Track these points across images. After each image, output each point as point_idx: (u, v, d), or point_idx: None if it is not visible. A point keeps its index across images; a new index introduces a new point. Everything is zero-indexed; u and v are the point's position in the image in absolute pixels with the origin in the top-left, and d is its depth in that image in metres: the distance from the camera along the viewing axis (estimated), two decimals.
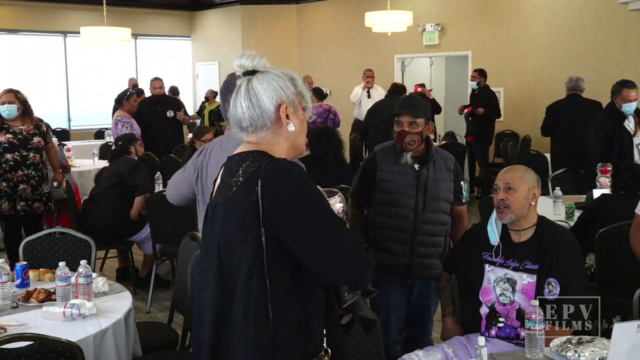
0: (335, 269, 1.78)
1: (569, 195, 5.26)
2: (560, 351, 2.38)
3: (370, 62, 11.86)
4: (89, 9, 12.26)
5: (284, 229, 1.74)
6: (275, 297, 1.75)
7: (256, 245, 1.74)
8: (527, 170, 2.97)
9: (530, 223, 2.88)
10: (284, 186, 1.74)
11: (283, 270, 1.76)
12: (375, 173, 3.45)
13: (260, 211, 1.73)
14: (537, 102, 9.96)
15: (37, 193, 5.48)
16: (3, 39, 12.36)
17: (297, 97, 1.88)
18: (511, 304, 2.82)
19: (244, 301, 1.76)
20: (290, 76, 1.89)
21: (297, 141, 1.93)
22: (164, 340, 3.56)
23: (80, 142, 10.02)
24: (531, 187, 2.89)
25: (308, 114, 1.93)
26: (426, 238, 3.39)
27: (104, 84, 12.90)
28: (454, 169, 3.46)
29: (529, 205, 2.86)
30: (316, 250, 1.74)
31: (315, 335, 1.84)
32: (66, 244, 3.82)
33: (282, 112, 1.84)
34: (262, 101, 1.83)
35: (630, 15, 8.89)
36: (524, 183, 2.88)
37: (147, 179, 5.70)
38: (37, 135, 5.46)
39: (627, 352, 1.97)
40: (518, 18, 10.26)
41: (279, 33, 13.44)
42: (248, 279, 1.75)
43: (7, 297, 3.06)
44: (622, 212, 3.91)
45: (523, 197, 2.85)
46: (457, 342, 2.92)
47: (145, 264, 5.87)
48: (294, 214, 1.73)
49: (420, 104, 3.50)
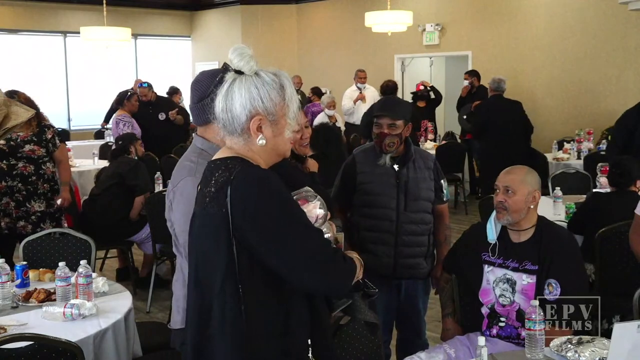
0: (309, 280, 1.73)
1: (569, 195, 5.27)
2: (560, 351, 2.37)
3: (370, 62, 11.87)
4: (89, 9, 12.26)
5: (254, 240, 1.69)
6: (250, 309, 1.71)
7: (228, 255, 1.70)
8: (528, 173, 2.92)
9: (530, 224, 2.87)
10: (253, 196, 1.69)
11: (257, 281, 1.72)
12: (356, 175, 3.43)
13: (230, 221, 1.69)
14: (537, 102, 9.96)
15: (23, 210, 4.76)
16: (3, 39, 12.36)
17: (281, 108, 1.79)
18: (511, 305, 2.82)
19: (220, 315, 1.73)
20: (281, 84, 1.79)
21: (276, 150, 1.83)
22: (164, 340, 3.54)
23: (80, 142, 10.01)
24: (531, 190, 2.85)
25: (292, 125, 1.83)
26: (410, 238, 3.37)
27: (104, 84, 12.90)
28: (433, 168, 3.44)
29: (527, 208, 2.84)
30: (287, 261, 1.70)
31: (298, 346, 1.79)
32: (66, 244, 3.82)
33: (253, 124, 1.76)
34: (235, 108, 1.76)
35: (630, 15, 8.89)
36: (524, 186, 2.84)
37: (146, 179, 5.69)
38: (33, 142, 4.73)
39: (627, 352, 1.97)
40: (518, 18, 10.26)
41: (279, 33, 13.44)
42: (222, 291, 1.72)
43: (7, 297, 3.06)
44: (615, 210, 3.95)
45: (522, 201, 2.83)
46: (459, 343, 2.92)
47: (145, 264, 5.88)
48: (263, 225, 1.68)
49: (399, 105, 3.49)
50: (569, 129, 9.29)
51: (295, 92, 1.86)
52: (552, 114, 10.00)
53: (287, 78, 1.84)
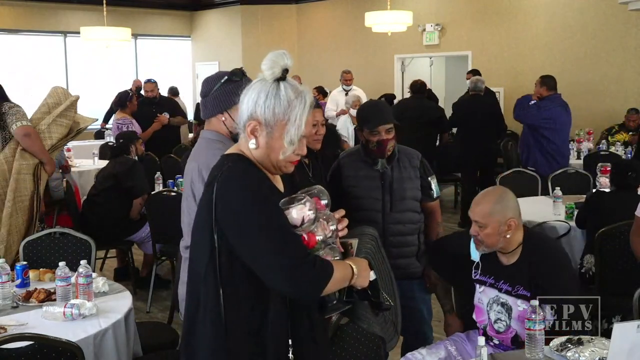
0: (275, 281, 1.75)
1: (570, 195, 5.26)
2: (560, 351, 2.38)
3: (370, 62, 11.88)
4: (89, 9, 12.26)
5: (229, 236, 1.75)
6: (228, 301, 1.77)
7: (210, 246, 1.77)
8: (498, 202, 2.71)
9: (514, 246, 2.73)
10: (232, 194, 1.75)
11: (235, 274, 1.77)
12: (341, 180, 3.41)
13: (214, 215, 1.75)
14: None
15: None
16: (3, 39, 12.36)
17: (281, 125, 1.78)
18: (507, 329, 2.74)
19: (204, 302, 1.80)
20: (292, 104, 1.78)
21: (266, 160, 1.84)
22: (164, 340, 3.56)
23: (80, 142, 9.97)
24: (504, 221, 2.66)
25: (287, 150, 1.80)
26: (397, 238, 3.34)
27: (104, 84, 12.90)
28: (419, 166, 3.39)
29: (504, 238, 2.68)
30: (256, 260, 1.75)
31: (276, 343, 1.81)
32: (66, 244, 3.82)
33: (248, 126, 1.81)
34: (243, 105, 1.83)
35: (630, 15, 8.89)
36: (493, 219, 2.67)
37: (142, 180, 5.65)
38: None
39: (627, 352, 1.97)
40: (518, 18, 10.26)
41: (278, 33, 13.44)
42: (205, 280, 1.80)
43: (7, 297, 3.06)
44: (615, 207, 3.98)
45: (495, 233, 2.67)
46: (459, 340, 2.91)
47: (145, 264, 5.87)
48: (236, 223, 1.74)
49: (386, 108, 3.50)
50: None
51: (304, 120, 1.80)
52: None
53: (306, 103, 1.80)
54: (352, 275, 1.87)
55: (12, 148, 4.34)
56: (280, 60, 1.80)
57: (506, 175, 6.09)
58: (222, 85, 2.55)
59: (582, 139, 8.07)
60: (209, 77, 2.61)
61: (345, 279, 1.86)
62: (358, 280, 1.90)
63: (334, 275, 1.79)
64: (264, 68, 1.80)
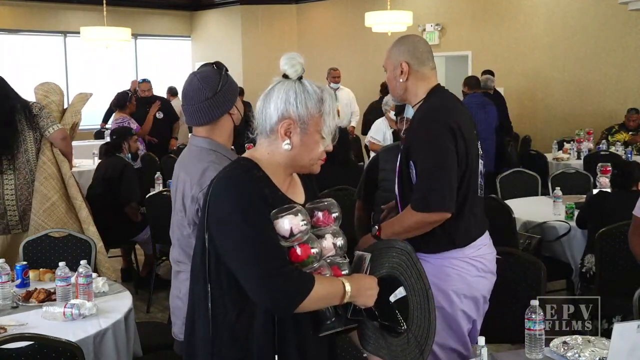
0: (253, 292, 1.71)
1: (569, 195, 5.27)
2: (560, 351, 2.38)
3: (370, 62, 11.87)
4: (89, 9, 12.25)
5: (217, 242, 1.75)
6: (215, 304, 1.76)
7: (203, 246, 1.77)
8: (395, 45, 2.66)
9: (417, 99, 2.61)
10: (219, 201, 1.74)
11: (222, 277, 1.76)
12: (378, 173, 3.49)
13: (205, 218, 1.76)
14: (537, 102, 9.96)
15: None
16: (3, 39, 12.36)
17: (315, 121, 1.79)
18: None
19: (198, 301, 1.81)
20: (322, 97, 1.80)
21: (299, 161, 1.82)
22: (164, 340, 3.54)
23: (80, 142, 9.98)
24: (397, 63, 2.60)
25: (327, 141, 1.82)
26: None
27: (104, 84, 12.89)
28: None
29: (399, 82, 2.60)
30: (238, 270, 1.73)
31: (261, 354, 1.76)
32: (66, 244, 3.82)
33: (282, 127, 1.77)
34: (270, 108, 1.78)
35: (630, 15, 8.89)
36: (389, 62, 2.65)
37: (132, 186, 5.60)
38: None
39: (627, 352, 1.97)
40: (518, 18, 10.26)
41: (278, 33, 13.44)
42: (197, 279, 1.81)
43: (7, 297, 3.06)
44: (616, 207, 4.00)
45: (392, 78, 2.64)
46: None
47: (146, 263, 5.87)
48: (221, 229, 1.73)
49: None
50: (569, 129, 9.30)
51: (335, 111, 1.82)
52: (552, 114, 10.00)
53: (331, 95, 1.83)
54: (344, 292, 1.75)
55: (49, 149, 4.30)
56: (298, 59, 1.81)
57: (506, 175, 6.09)
58: (225, 78, 2.41)
59: (582, 139, 8.07)
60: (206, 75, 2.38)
61: (333, 297, 1.75)
62: (359, 300, 1.79)
63: (315, 290, 1.68)
64: (285, 68, 1.80)
